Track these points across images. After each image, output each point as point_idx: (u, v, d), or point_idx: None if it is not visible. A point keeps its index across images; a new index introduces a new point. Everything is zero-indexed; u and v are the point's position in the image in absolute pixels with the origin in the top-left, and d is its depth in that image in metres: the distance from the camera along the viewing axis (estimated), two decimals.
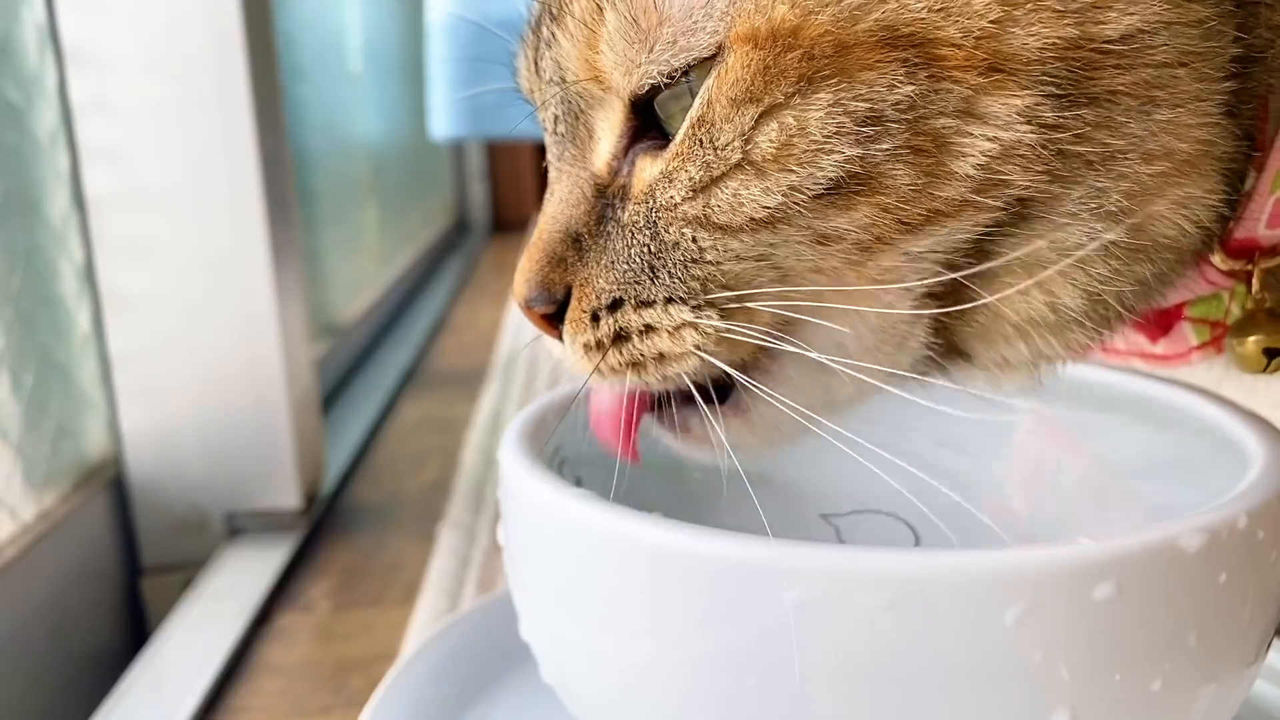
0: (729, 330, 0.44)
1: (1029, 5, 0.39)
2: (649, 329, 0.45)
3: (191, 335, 0.96)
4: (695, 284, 0.44)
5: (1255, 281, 0.48)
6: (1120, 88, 0.40)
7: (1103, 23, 0.39)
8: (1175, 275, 0.46)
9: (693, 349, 0.45)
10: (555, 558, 0.46)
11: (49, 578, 0.83)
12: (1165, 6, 0.40)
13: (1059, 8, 0.39)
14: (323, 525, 1.05)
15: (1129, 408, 0.56)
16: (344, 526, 1.06)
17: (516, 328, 1.86)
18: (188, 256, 0.95)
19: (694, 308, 0.45)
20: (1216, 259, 0.48)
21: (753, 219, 0.43)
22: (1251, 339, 0.49)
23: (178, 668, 0.78)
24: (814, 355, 0.44)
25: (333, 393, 1.48)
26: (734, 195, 0.43)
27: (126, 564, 0.96)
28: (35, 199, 0.88)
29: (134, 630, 0.95)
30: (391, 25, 2.43)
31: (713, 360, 0.45)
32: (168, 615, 0.86)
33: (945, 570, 0.37)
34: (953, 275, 0.43)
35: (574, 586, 0.45)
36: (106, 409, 0.96)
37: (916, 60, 0.40)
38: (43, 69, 0.89)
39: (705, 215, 0.43)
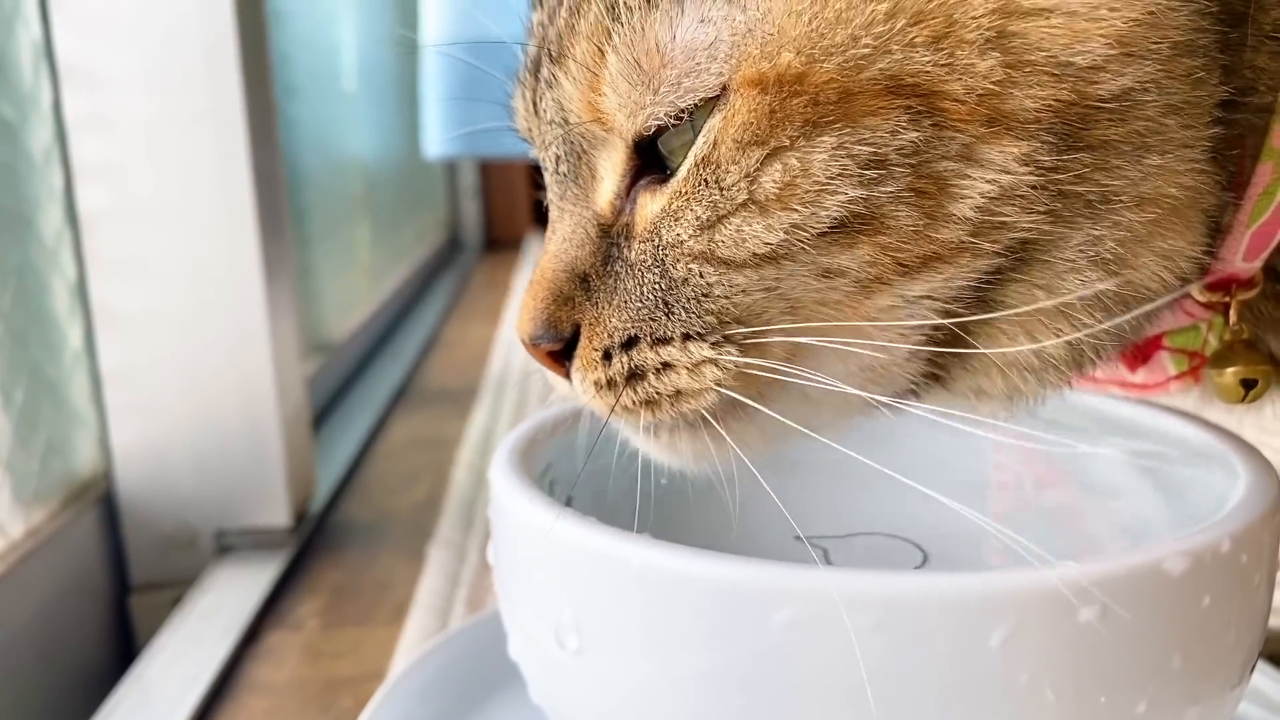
0: (748, 365, 0.45)
1: (1029, 69, 0.41)
2: (666, 366, 0.46)
3: (183, 352, 0.96)
4: (711, 319, 0.45)
5: (1233, 314, 0.49)
6: (1114, 137, 0.41)
7: (1096, 83, 0.41)
8: (1150, 318, 0.47)
9: (712, 384, 0.45)
10: (544, 577, 0.46)
11: (37, 594, 0.83)
12: (1155, 65, 0.41)
13: (1055, 72, 0.41)
14: (312, 543, 1.05)
15: (1113, 429, 0.57)
16: (334, 545, 1.06)
17: (508, 346, 1.86)
18: (180, 273, 0.95)
19: (714, 344, 0.45)
20: (1195, 291, 0.49)
21: (755, 254, 0.43)
22: (1230, 370, 0.50)
23: (166, 686, 0.78)
24: (822, 381, 0.45)
25: (324, 410, 1.48)
26: (737, 232, 0.43)
27: (115, 581, 0.96)
28: (29, 216, 0.88)
29: (122, 648, 0.95)
30: (387, 44, 2.44)
31: (731, 394, 0.46)
32: (156, 633, 0.86)
33: (931, 592, 0.37)
34: (955, 334, 0.44)
35: (563, 606, 0.45)
36: (97, 425, 0.96)
37: (921, 108, 0.41)
38: (38, 86, 0.89)
39: (710, 250, 0.44)
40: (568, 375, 0.49)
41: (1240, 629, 0.43)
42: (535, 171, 0.53)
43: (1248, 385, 0.49)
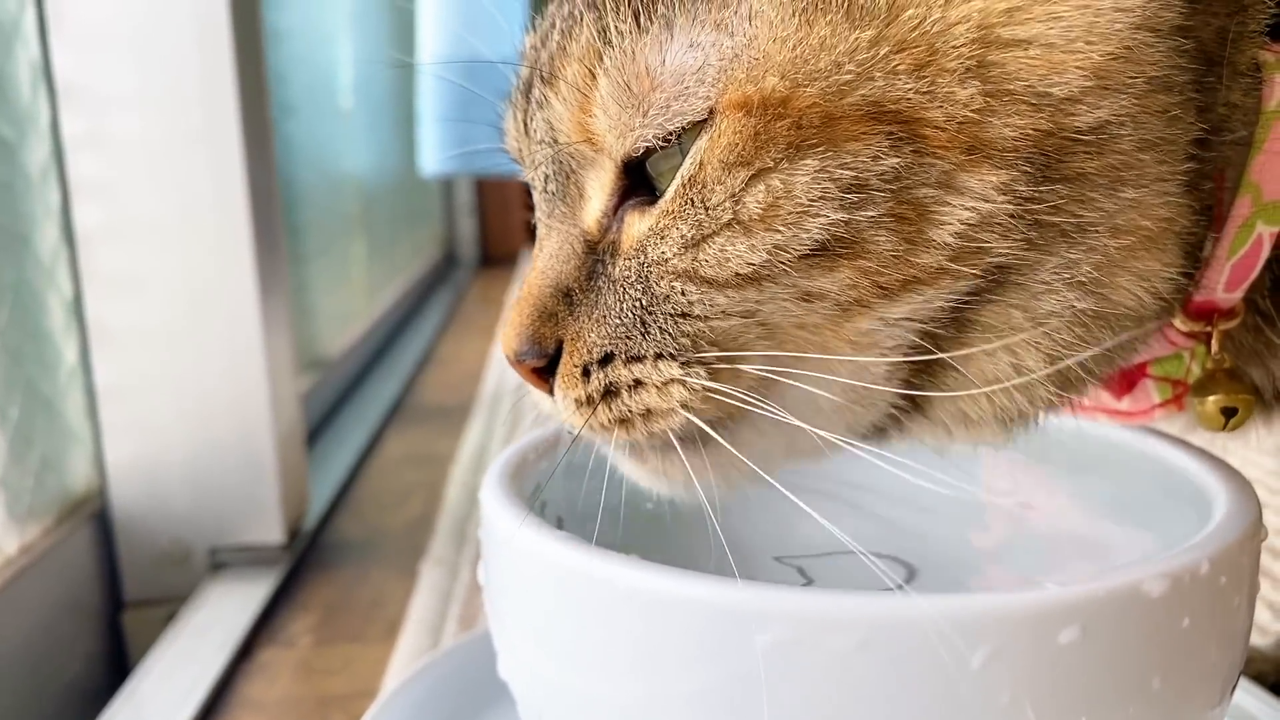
0: (715, 390, 0.45)
1: (1008, 98, 0.41)
2: (638, 384, 0.46)
3: (178, 369, 0.97)
4: (685, 340, 0.45)
5: (1214, 343, 0.50)
6: (1090, 170, 0.42)
7: (1073, 115, 0.41)
8: (1136, 341, 0.48)
9: (678, 406, 0.46)
10: (534, 598, 0.46)
11: (31, 611, 0.83)
12: (1131, 99, 0.42)
13: (1034, 102, 0.41)
14: (305, 560, 1.06)
15: (1095, 452, 0.57)
16: (327, 562, 1.06)
17: (502, 363, 1.86)
18: (175, 290, 0.96)
19: (683, 364, 0.46)
20: (1177, 321, 0.50)
21: (738, 274, 0.44)
22: (1211, 399, 0.51)
23: (158, 703, 0.78)
24: (792, 421, 0.45)
25: (318, 426, 1.49)
26: (721, 251, 0.44)
27: (109, 597, 0.97)
28: (25, 233, 0.88)
29: (115, 664, 0.95)
30: (382, 63, 2.45)
31: (695, 420, 0.46)
32: (149, 650, 0.86)
33: (913, 614, 0.38)
34: (932, 352, 0.45)
35: (551, 626, 0.45)
36: (92, 442, 0.97)
37: (902, 134, 0.42)
38: (36, 105, 0.90)
39: (694, 269, 0.45)
40: (552, 392, 0.50)
41: (1220, 650, 0.43)
42: (529, 190, 0.54)
43: (1228, 414, 0.50)
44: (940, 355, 0.45)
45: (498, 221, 3.49)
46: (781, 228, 0.43)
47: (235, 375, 0.98)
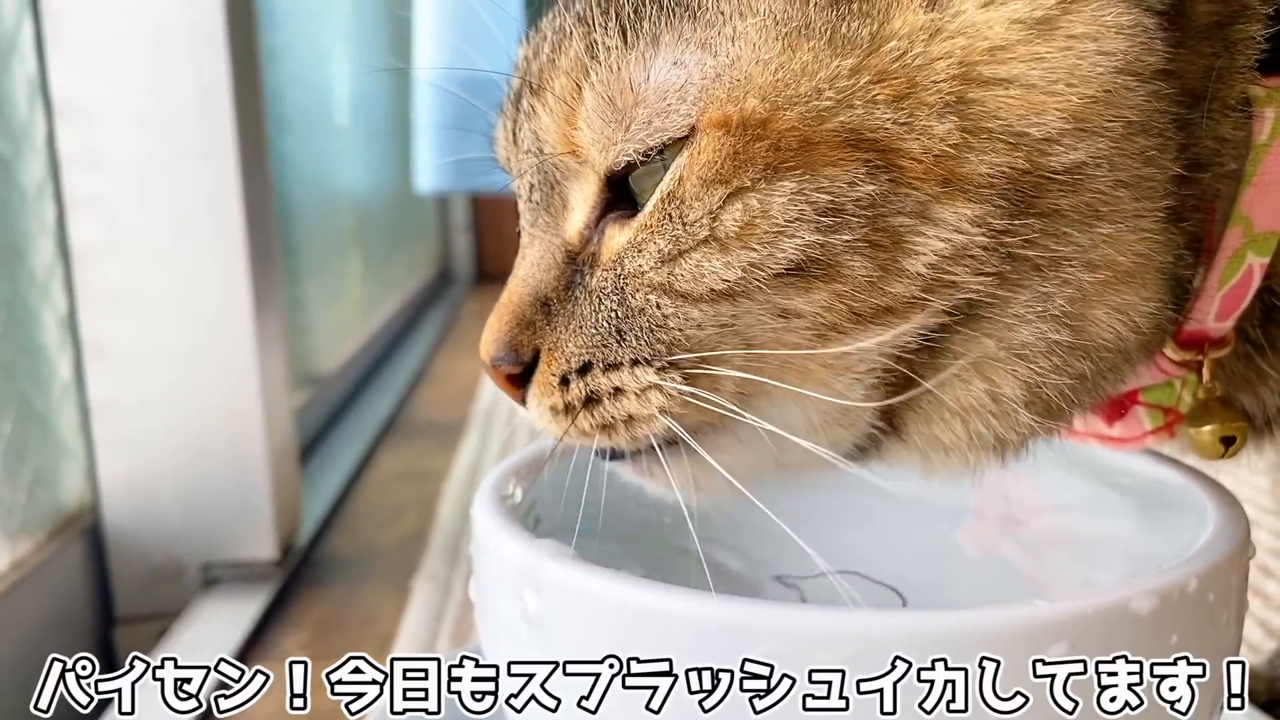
0: (692, 395, 0.46)
1: (985, 136, 0.42)
2: (618, 391, 0.47)
3: (171, 385, 0.97)
4: (661, 347, 0.46)
5: (1206, 371, 0.51)
6: (1065, 207, 0.42)
7: (1050, 155, 0.42)
8: (1121, 371, 0.48)
9: (657, 412, 0.46)
10: (524, 614, 0.46)
11: (22, 626, 0.83)
12: (1108, 143, 0.42)
13: (1010, 141, 0.42)
14: (298, 576, 1.05)
15: (1085, 468, 0.58)
16: (319, 578, 1.06)
17: None
18: (170, 307, 0.96)
19: (659, 369, 0.46)
20: (1169, 350, 0.50)
21: (713, 290, 0.44)
22: (1207, 428, 0.51)
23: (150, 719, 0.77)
24: (767, 427, 0.45)
25: (312, 442, 1.49)
26: (697, 266, 0.44)
27: (101, 613, 0.96)
28: (20, 249, 0.88)
29: None
30: (379, 79, 2.46)
31: (675, 426, 0.46)
32: None
33: (900, 630, 0.38)
34: (906, 377, 0.45)
35: (543, 642, 0.45)
36: (85, 458, 0.96)
37: (879, 163, 0.42)
38: (32, 121, 0.90)
39: (669, 283, 0.45)
40: (524, 400, 0.50)
41: (1208, 667, 0.43)
42: None
43: (1227, 442, 0.50)
44: (915, 375, 0.45)
45: (493, 238, 3.49)
46: (758, 246, 0.43)
47: (229, 391, 0.98)
